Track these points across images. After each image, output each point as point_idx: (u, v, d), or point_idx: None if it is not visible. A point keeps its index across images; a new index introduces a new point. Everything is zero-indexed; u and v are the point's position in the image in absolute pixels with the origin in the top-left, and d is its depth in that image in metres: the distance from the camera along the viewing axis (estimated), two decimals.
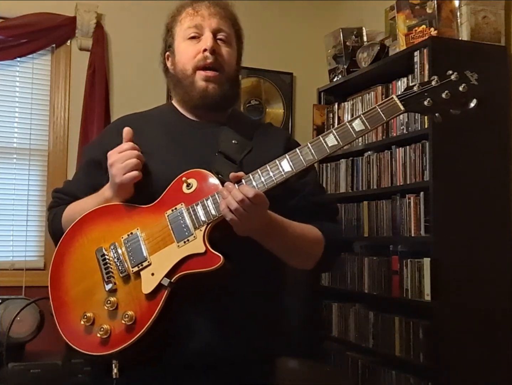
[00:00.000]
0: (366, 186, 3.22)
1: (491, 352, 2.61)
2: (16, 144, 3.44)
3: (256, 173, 1.29)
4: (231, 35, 1.49)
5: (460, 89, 1.26)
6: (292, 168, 1.28)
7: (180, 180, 1.33)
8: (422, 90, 1.28)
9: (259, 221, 1.27)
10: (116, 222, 1.35)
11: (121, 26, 3.60)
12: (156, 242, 1.30)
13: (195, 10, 1.47)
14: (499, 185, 2.71)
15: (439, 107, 1.27)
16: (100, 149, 1.47)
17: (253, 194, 1.22)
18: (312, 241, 1.41)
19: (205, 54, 1.43)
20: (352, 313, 3.23)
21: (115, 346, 1.25)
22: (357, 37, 3.47)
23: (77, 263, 1.35)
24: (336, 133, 1.29)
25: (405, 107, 1.28)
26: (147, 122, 1.51)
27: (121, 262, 1.30)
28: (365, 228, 3.19)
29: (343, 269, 3.33)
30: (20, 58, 3.40)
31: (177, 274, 1.26)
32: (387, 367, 2.92)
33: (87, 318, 1.28)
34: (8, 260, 3.34)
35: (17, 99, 3.45)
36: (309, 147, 1.29)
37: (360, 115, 1.29)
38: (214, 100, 1.44)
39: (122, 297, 1.28)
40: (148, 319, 1.24)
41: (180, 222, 1.30)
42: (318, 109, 3.66)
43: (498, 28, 2.79)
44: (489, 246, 2.66)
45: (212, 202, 1.29)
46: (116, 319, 1.27)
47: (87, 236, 1.36)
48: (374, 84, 3.20)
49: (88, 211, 1.38)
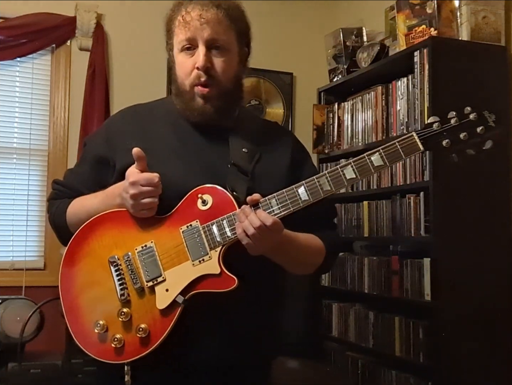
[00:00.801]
0: (366, 186, 3.22)
1: (491, 351, 2.61)
2: (16, 144, 3.44)
3: (273, 198, 1.29)
4: (228, 40, 1.41)
5: (478, 130, 1.27)
6: (309, 198, 1.29)
7: (195, 196, 1.33)
8: (442, 130, 1.28)
9: (272, 244, 1.28)
10: (129, 229, 1.35)
11: (121, 26, 3.60)
12: (171, 258, 1.31)
13: (186, 22, 1.38)
14: (499, 185, 2.71)
15: (456, 147, 1.29)
16: (107, 146, 1.44)
17: (271, 222, 1.23)
18: (315, 252, 1.44)
19: (198, 72, 1.38)
20: (352, 313, 3.23)
21: (128, 356, 1.28)
22: (357, 37, 3.46)
23: (89, 267, 1.36)
24: (354, 166, 1.29)
25: (424, 146, 1.28)
26: (153, 117, 1.48)
27: (135, 274, 1.31)
28: (365, 228, 3.19)
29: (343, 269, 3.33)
30: (20, 58, 3.40)
31: (191, 292, 1.29)
32: (387, 367, 2.92)
33: (101, 326, 1.30)
34: (8, 260, 3.34)
35: (17, 99, 3.45)
36: (327, 177, 1.30)
37: (379, 150, 1.29)
38: (212, 117, 1.41)
39: (135, 309, 1.30)
40: (162, 333, 1.27)
41: (195, 240, 1.31)
42: (318, 109, 3.66)
43: (498, 28, 2.79)
44: (489, 246, 2.66)
45: (228, 222, 1.30)
46: (130, 330, 1.29)
47: (98, 241, 1.36)
48: (374, 84, 3.20)
49: (100, 214, 1.37)
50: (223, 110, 1.42)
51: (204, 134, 1.44)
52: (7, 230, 3.38)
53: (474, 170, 2.66)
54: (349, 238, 3.35)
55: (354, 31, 3.48)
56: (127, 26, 3.60)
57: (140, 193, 1.28)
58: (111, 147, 1.42)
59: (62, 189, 1.52)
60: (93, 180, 1.46)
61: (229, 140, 1.44)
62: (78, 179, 1.50)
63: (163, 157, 1.39)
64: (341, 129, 3.50)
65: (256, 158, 1.43)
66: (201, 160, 1.40)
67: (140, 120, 1.47)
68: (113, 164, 1.42)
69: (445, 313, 2.58)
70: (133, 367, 1.28)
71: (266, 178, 1.39)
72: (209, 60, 1.39)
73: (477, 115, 1.27)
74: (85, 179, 1.48)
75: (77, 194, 1.47)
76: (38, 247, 3.39)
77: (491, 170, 2.70)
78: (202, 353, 1.32)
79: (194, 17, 1.38)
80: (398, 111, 2.97)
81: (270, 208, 1.28)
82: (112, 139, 1.45)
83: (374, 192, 3.14)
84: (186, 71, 1.41)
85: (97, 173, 1.46)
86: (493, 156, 2.68)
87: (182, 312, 1.28)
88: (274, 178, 1.39)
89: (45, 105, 3.48)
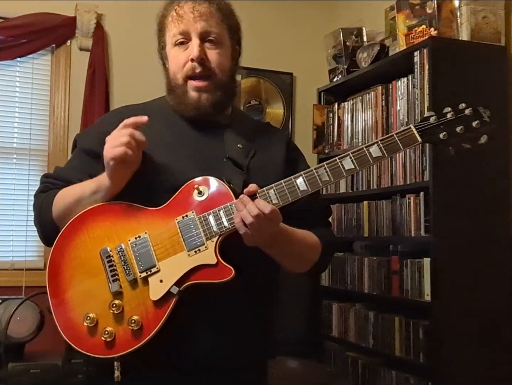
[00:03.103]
0: (366, 186, 3.22)
1: (491, 352, 2.61)
2: (16, 144, 3.44)
3: (271, 189, 1.28)
4: (221, 33, 1.41)
5: (473, 125, 1.29)
6: (307, 188, 1.29)
7: (192, 187, 1.32)
8: (439, 123, 1.30)
9: (270, 235, 1.27)
10: (121, 221, 1.33)
11: (121, 26, 3.60)
12: (165, 248, 1.29)
13: (179, 15, 1.39)
14: (499, 185, 2.71)
15: (453, 140, 1.31)
16: (97, 140, 1.41)
17: (270, 210, 1.22)
18: (310, 247, 1.43)
19: (193, 64, 1.38)
20: (352, 313, 3.23)
21: (120, 350, 1.25)
22: (357, 37, 3.46)
23: (79, 260, 1.32)
24: (353, 157, 1.29)
25: (422, 139, 1.30)
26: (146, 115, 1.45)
27: (128, 265, 1.29)
28: (365, 228, 3.19)
29: (343, 269, 3.33)
30: (20, 58, 3.40)
31: (186, 282, 1.27)
32: (387, 367, 2.92)
33: (91, 319, 1.27)
34: (8, 260, 3.34)
35: (17, 99, 3.45)
36: (325, 168, 1.29)
37: (377, 142, 1.30)
38: (208, 110, 1.41)
39: (127, 301, 1.28)
40: (155, 325, 1.25)
41: (191, 230, 1.29)
42: (318, 109, 3.66)
43: (498, 28, 2.79)
44: (489, 246, 2.66)
45: (225, 212, 1.28)
46: (122, 323, 1.26)
47: (89, 233, 1.33)
48: (374, 84, 3.20)
49: (91, 207, 1.34)
50: (218, 103, 1.41)
51: (199, 130, 1.44)
52: (7, 230, 3.38)
53: (474, 171, 2.66)
54: (349, 238, 3.35)
55: (354, 31, 3.48)
56: (127, 26, 3.60)
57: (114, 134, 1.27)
58: (102, 141, 1.39)
59: (52, 181, 1.47)
60: (85, 172, 1.42)
61: (223, 136, 1.43)
62: (69, 172, 1.46)
63: (157, 152, 1.37)
64: (341, 129, 3.50)
65: (251, 154, 1.42)
66: (196, 155, 1.40)
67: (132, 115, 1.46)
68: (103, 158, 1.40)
69: (445, 313, 2.58)
70: (126, 364, 1.25)
71: (261, 173, 1.38)
72: (203, 51, 1.39)
73: (472, 110, 1.30)
74: (77, 171, 1.44)
75: (69, 185, 1.42)
76: (38, 247, 3.39)
77: (491, 170, 2.70)
78: (196, 346, 1.30)
79: (187, 10, 1.39)
80: (398, 111, 2.97)
81: (268, 198, 1.27)
82: (104, 134, 1.41)
83: (374, 192, 3.14)
84: (179, 64, 1.40)
85: (89, 167, 1.42)
86: (493, 156, 2.70)
87: (176, 303, 1.26)
88: (269, 173, 1.38)
89: (45, 105, 3.48)
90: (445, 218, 2.63)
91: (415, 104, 2.80)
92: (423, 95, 2.73)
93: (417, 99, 2.78)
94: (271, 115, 3.93)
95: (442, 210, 2.63)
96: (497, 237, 2.68)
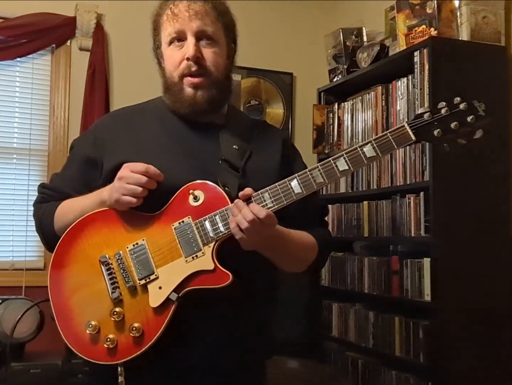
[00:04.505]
0: (366, 186, 3.22)
1: (491, 352, 2.61)
2: (16, 144, 3.44)
3: (266, 192, 1.28)
4: (216, 32, 1.41)
5: (468, 120, 1.27)
6: (302, 190, 1.28)
7: (187, 192, 1.32)
8: (433, 120, 1.28)
9: (266, 238, 1.27)
10: (119, 228, 1.33)
11: (121, 26, 3.61)
12: (163, 255, 1.30)
13: (174, 14, 1.39)
14: (499, 185, 2.71)
15: (448, 137, 1.28)
16: (95, 147, 1.42)
17: (265, 215, 1.22)
18: (307, 248, 1.43)
19: (188, 63, 1.38)
20: (352, 313, 3.23)
21: (122, 356, 1.27)
22: (357, 37, 3.46)
23: (78, 267, 1.33)
24: (347, 157, 1.28)
25: (416, 137, 1.28)
26: (142, 117, 1.48)
27: (127, 273, 1.30)
28: (365, 228, 3.19)
29: (343, 269, 3.33)
30: (20, 58, 3.40)
31: (185, 288, 1.27)
32: (387, 367, 2.92)
33: (93, 326, 1.28)
34: (8, 260, 3.34)
35: (17, 99, 3.45)
36: (320, 169, 1.29)
37: (371, 141, 1.28)
38: (204, 107, 1.40)
39: (128, 308, 1.29)
40: (156, 331, 1.26)
41: (188, 236, 1.29)
42: (318, 109, 3.66)
43: (498, 28, 2.79)
44: (489, 246, 2.66)
45: (220, 218, 1.28)
46: (123, 330, 1.28)
47: (88, 240, 1.34)
48: (374, 84, 3.20)
49: (89, 214, 1.35)
50: (213, 100, 1.41)
51: (194, 130, 1.44)
52: (7, 230, 3.38)
53: (474, 171, 2.66)
54: (349, 238, 3.35)
55: (354, 31, 3.48)
56: (127, 26, 3.60)
57: (129, 176, 1.28)
58: (99, 147, 1.40)
59: (49, 193, 1.49)
60: (81, 182, 1.44)
61: (219, 137, 1.43)
62: (65, 182, 1.47)
63: (153, 154, 1.37)
64: (341, 129, 3.50)
65: (247, 155, 1.42)
66: (192, 157, 1.40)
67: (128, 120, 1.46)
68: (101, 165, 1.41)
69: (445, 313, 2.58)
70: (127, 367, 1.27)
71: (257, 175, 1.38)
72: (199, 50, 1.39)
73: (467, 105, 1.27)
74: (73, 181, 1.45)
75: (65, 197, 1.44)
76: (38, 247, 3.39)
77: (491, 170, 2.70)
78: (196, 350, 1.31)
79: (182, 9, 1.39)
80: (398, 111, 2.97)
81: (263, 202, 1.27)
82: (100, 139, 1.44)
83: (374, 192, 3.14)
84: (175, 63, 1.40)
85: (85, 175, 1.44)
86: (493, 156, 2.70)
87: (176, 309, 1.26)
88: (265, 175, 1.38)
89: (45, 105, 3.48)
90: (445, 218, 2.63)
91: (415, 104, 2.80)
92: (423, 95, 2.73)
93: (417, 99, 2.78)
94: (271, 115, 3.93)
95: (442, 210, 2.63)
96: (497, 237, 2.68)
